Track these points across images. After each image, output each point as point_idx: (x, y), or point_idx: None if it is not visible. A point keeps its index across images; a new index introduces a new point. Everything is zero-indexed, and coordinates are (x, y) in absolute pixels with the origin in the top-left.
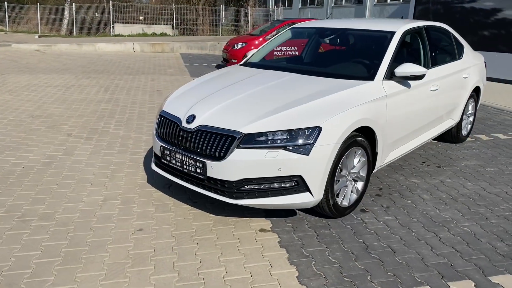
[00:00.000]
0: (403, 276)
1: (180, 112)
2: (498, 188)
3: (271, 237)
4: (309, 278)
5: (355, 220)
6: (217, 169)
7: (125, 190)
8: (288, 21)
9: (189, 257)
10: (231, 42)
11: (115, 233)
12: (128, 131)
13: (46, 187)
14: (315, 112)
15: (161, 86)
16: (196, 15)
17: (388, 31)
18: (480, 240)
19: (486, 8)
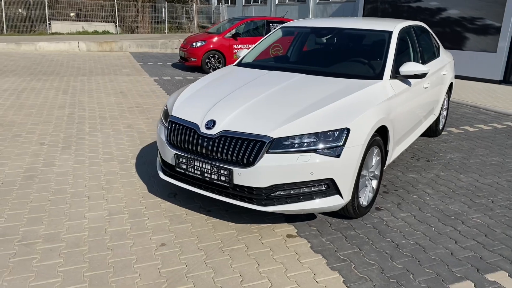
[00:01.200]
0: (442, 273)
1: (195, 117)
2: (488, 179)
3: (301, 243)
4: (355, 282)
5: (375, 219)
6: (245, 176)
7: (128, 202)
8: (248, 19)
9: (227, 271)
10: (189, 41)
11: (136, 251)
12: (106, 137)
13: (38, 204)
14: (340, 113)
15: (122, 88)
16: (136, 12)
17: (385, 31)
18: (495, 230)
19: (432, 8)
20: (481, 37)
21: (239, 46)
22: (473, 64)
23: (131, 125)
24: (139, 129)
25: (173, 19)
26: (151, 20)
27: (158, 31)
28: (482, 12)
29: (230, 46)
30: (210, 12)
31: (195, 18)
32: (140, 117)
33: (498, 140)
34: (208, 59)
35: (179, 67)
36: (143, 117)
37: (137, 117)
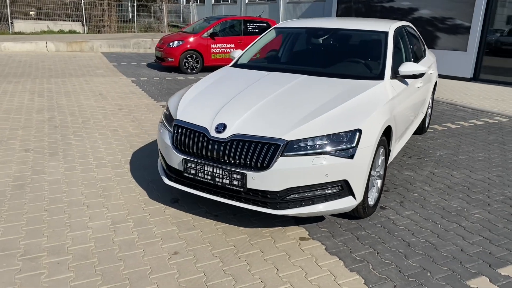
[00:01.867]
0: (457, 269)
1: (203, 121)
2: (479, 174)
3: (315, 245)
4: (376, 283)
5: (382, 218)
6: (260, 180)
7: (131, 210)
8: (224, 18)
9: (247, 278)
10: (165, 40)
11: (149, 261)
12: (94, 142)
13: (35, 215)
14: (350, 115)
15: (100, 89)
16: (102, 10)
17: (381, 31)
18: (497, 225)
19: (404, 7)
20: (452, 36)
21: (217, 45)
22: (445, 63)
23: (117, 129)
24: (126, 132)
25: (141, 18)
26: (117, 19)
27: (125, 31)
28: (452, 12)
29: (208, 45)
30: (179, 11)
31: (165, 17)
32: (125, 120)
33: (480, 136)
34: (186, 59)
35: (155, 67)
36: (128, 120)
37: (122, 120)
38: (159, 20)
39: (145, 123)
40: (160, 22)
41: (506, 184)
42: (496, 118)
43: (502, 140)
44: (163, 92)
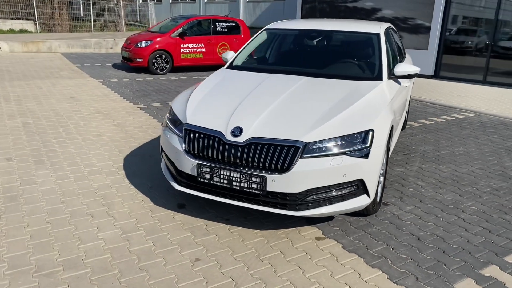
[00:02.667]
0: (468, 260)
1: (217, 124)
2: (464, 168)
3: (332, 244)
4: (400, 278)
5: (387, 214)
6: (280, 182)
7: (138, 217)
8: (193, 18)
9: (275, 280)
10: (133, 40)
11: (173, 269)
12: (79, 148)
13: (37, 228)
14: (361, 116)
15: (71, 92)
16: (52, 8)
17: (373, 33)
18: (492, 216)
19: (367, 8)
20: (414, 36)
21: (186, 45)
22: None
23: (100, 133)
24: (111, 137)
25: (96, 17)
26: (69, 17)
27: (79, 30)
28: (413, 12)
29: (177, 45)
30: (135, 10)
31: (122, 16)
32: (106, 124)
33: (454, 132)
34: (155, 59)
35: (122, 68)
36: (109, 124)
37: (103, 124)
38: (116, 19)
39: (127, 126)
40: (117, 21)
41: (490, 176)
42: (464, 113)
43: (475, 135)
44: (137, 94)
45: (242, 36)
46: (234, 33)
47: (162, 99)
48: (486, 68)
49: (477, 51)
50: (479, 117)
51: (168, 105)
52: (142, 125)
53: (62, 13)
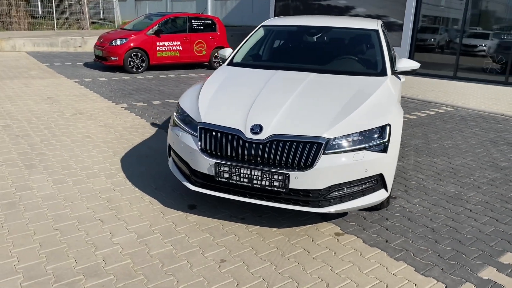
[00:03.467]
0: (485, 249)
1: (235, 122)
2: (457, 160)
3: (352, 239)
4: (426, 269)
5: (397, 207)
6: (303, 179)
7: (151, 220)
8: (169, 15)
9: (307, 279)
10: (107, 38)
11: (200, 272)
12: (70, 150)
13: (46, 235)
14: (377, 111)
15: (47, 93)
16: (8, 5)
17: (372, 29)
18: (495, 205)
19: (341, 6)
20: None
21: (162, 43)
22: None
23: (89, 135)
24: (101, 138)
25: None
26: (26, 14)
27: (37, 28)
28: (386, 10)
29: (153, 43)
30: (98, 7)
31: (86, 13)
32: (92, 125)
33: (439, 125)
34: (131, 58)
35: (94, 67)
36: (96, 125)
37: (89, 125)
38: (79, 16)
39: (116, 127)
40: (80, 19)
41: (483, 167)
42: (443, 108)
43: (459, 128)
44: (118, 94)
45: (218, 33)
46: (210, 31)
47: (144, 98)
48: (456, 64)
49: (448, 49)
50: (458, 111)
51: (152, 104)
52: (130, 125)
53: (19, 10)
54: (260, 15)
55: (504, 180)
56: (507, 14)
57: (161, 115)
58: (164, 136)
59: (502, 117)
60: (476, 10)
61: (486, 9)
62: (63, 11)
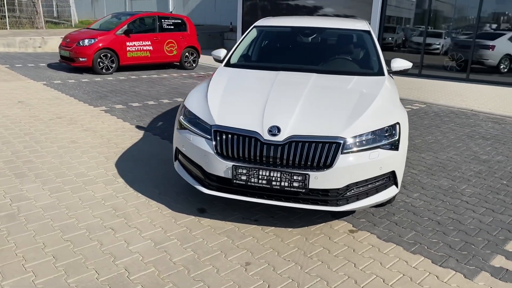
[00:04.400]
0: (490, 238)
1: (251, 124)
2: (442, 155)
3: (366, 236)
4: (442, 261)
5: (400, 203)
6: (323, 179)
7: (164, 226)
8: (138, 14)
9: (334, 277)
10: (73, 38)
11: (228, 276)
12: (59, 157)
13: (57, 247)
14: (385, 110)
15: (17, 97)
16: None
17: (364, 30)
18: (488, 197)
19: (309, 5)
20: None
21: (132, 43)
22: None
23: (75, 140)
24: (88, 143)
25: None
26: None
27: None
28: (353, 10)
29: (123, 43)
30: (51, 5)
31: (41, 12)
32: (75, 129)
33: (417, 122)
34: (100, 58)
35: (59, 68)
36: (79, 129)
37: (71, 130)
38: (32, 14)
39: (100, 131)
40: (34, 18)
41: (467, 161)
42: (416, 104)
43: (435, 124)
44: (93, 96)
45: (188, 33)
46: (180, 30)
47: (122, 100)
48: (421, 63)
49: (412, 48)
50: (430, 107)
51: (132, 106)
52: (115, 129)
53: None
54: (223, 15)
55: (489, 172)
56: (466, 14)
57: (144, 117)
58: (153, 139)
59: (472, 112)
60: (438, 12)
61: (446, 11)
62: (14, 9)
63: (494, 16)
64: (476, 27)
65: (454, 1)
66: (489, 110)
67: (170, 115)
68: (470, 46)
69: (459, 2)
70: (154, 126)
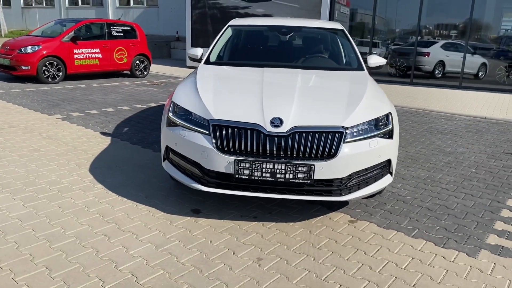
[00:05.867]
0: (478, 220)
1: (252, 116)
2: (411, 149)
3: (366, 225)
4: (443, 243)
5: (388, 193)
6: (327, 168)
7: (161, 229)
8: (86, 20)
9: (348, 265)
10: (13, 46)
11: (243, 272)
12: (24, 166)
13: (48, 258)
14: (376, 101)
15: None
16: None
17: (338, 29)
18: (463, 183)
19: (258, 14)
20: None
21: (80, 51)
22: None
23: (37, 149)
24: (53, 151)
25: None
26: None
27: None
28: None
29: (70, 51)
30: None
31: None
32: (33, 138)
33: None
34: (45, 67)
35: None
36: (38, 137)
37: (29, 138)
38: None
39: (63, 139)
40: None
41: (434, 153)
42: None
43: None
44: (44, 105)
45: (139, 40)
46: (130, 37)
47: (78, 108)
48: None
49: None
50: None
51: (90, 114)
52: (78, 136)
53: None
54: (166, 25)
55: (457, 162)
56: (407, 25)
57: (107, 124)
58: (123, 144)
59: (424, 111)
60: (379, 24)
61: (386, 23)
62: None
63: (430, 27)
64: (417, 36)
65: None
66: (439, 109)
67: (135, 121)
68: (409, 54)
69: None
70: (120, 132)
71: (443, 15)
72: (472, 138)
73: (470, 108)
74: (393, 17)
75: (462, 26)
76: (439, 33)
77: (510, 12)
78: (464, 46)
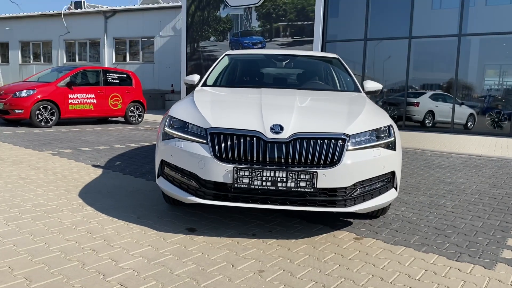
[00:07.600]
0: (490, 238)
1: (251, 124)
2: (411, 179)
3: (373, 242)
4: (457, 257)
5: (392, 215)
6: (330, 176)
7: (154, 244)
8: (82, 67)
9: (359, 277)
10: (9, 90)
11: (244, 283)
12: (9, 191)
13: (28, 270)
14: (377, 114)
15: None
16: None
17: (333, 57)
18: (468, 207)
19: None
20: None
21: (75, 96)
22: None
23: (25, 177)
24: (41, 179)
25: None
26: None
27: None
28: None
29: (65, 95)
30: None
31: None
32: (22, 168)
33: None
34: (39, 111)
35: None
36: (28, 168)
37: (18, 169)
38: None
39: (53, 169)
40: None
41: (435, 183)
42: None
43: None
44: (35, 143)
45: (134, 87)
46: (125, 84)
47: (70, 146)
48: None
49: None
50: None
51: (82, 150)
52: (69, 167)
53: None
54: (161, 79)
55: (459, 190)
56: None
57: (99, 158)
58: (115, 175)
59: (419, 150)
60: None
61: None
62: None
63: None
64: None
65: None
66: (433, 148)
67: (128, 156)
68: (400, 103)
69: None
70: (112, 165)
71: (429, 71)
72: (470, 172)
73: (465, 148)
74: (380, 77)
75: (449, 80)
76: (428, 87)
77: (492, 69)
78: (452, 98)
